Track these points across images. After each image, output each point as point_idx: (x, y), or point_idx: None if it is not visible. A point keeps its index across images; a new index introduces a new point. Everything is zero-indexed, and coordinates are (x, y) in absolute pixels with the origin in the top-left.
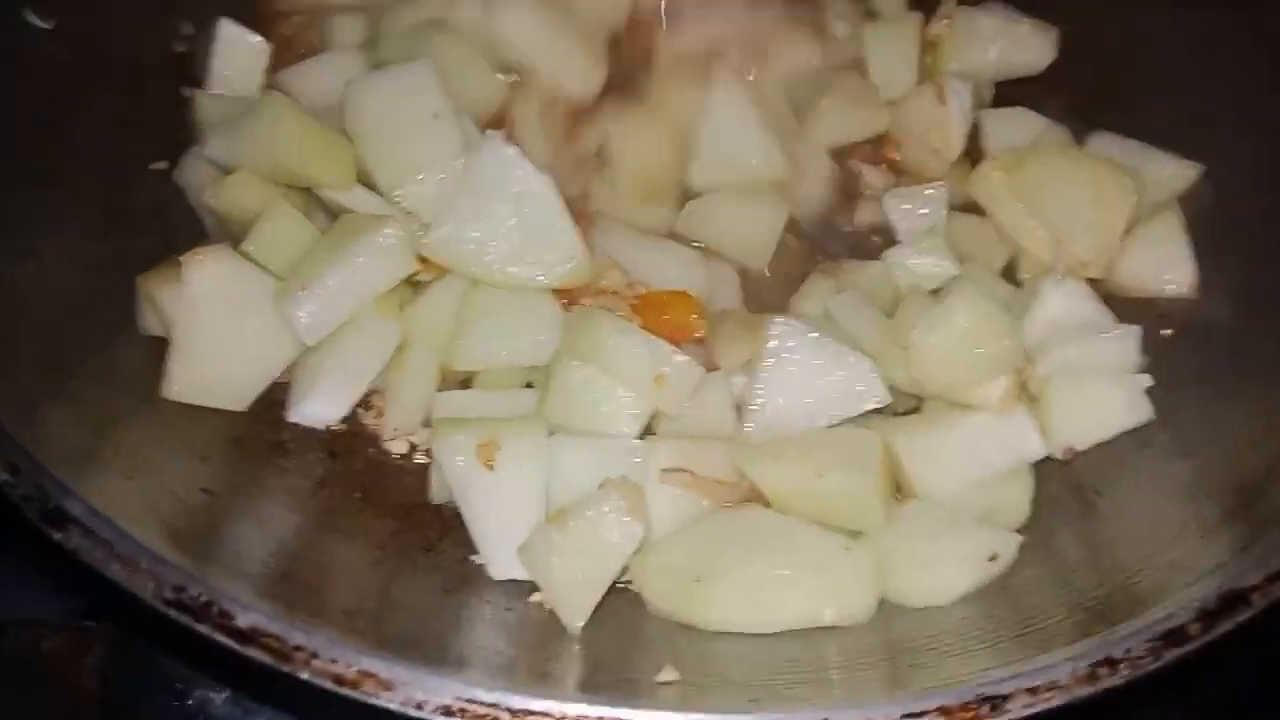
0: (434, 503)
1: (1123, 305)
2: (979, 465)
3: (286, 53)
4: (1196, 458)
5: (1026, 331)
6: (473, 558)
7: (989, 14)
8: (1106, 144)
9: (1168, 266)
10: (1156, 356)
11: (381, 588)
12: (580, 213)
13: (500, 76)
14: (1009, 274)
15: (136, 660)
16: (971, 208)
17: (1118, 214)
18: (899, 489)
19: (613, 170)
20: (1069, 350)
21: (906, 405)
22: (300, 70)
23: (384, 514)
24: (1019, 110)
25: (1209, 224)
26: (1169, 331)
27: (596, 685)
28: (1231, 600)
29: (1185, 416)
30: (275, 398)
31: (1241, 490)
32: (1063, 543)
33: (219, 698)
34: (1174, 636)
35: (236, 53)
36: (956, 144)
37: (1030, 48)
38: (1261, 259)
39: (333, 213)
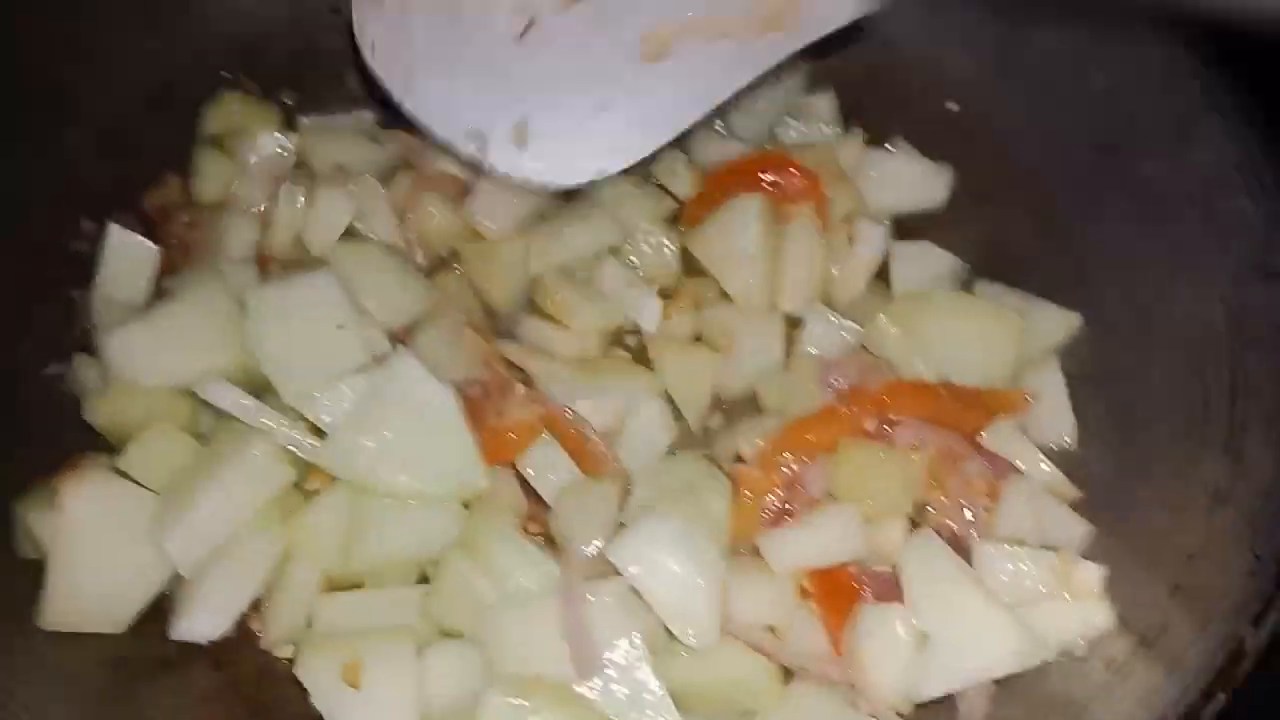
0: None
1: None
2: None
3: (180, 255)
4: None
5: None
6: None
7: (887, 156)
8: (993, 291)
9: (1050, 421)
10: None
11: None
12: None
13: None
14: None
15: None
16: None
17: (1003, 361)
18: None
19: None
20: None
21: None
22: (189, 278)
23: None
24: (925, 245)
25: (1088, 377)
26: None
27: None
28: None
29: None
30: (159, 606)
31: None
32: None
33: None
34: None
35: (125, 258)
36: (860, 284)
37: (926, 187)
38: (1137, 414)
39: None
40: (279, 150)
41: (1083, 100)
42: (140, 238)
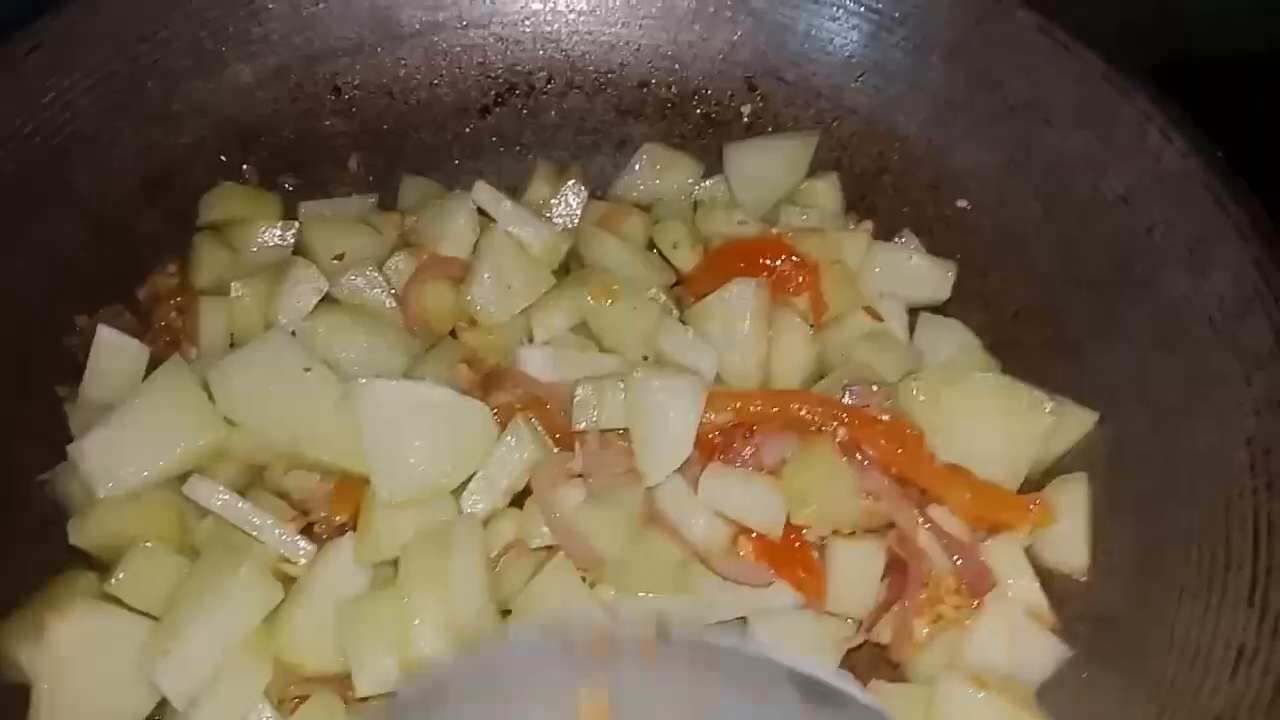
0: None
1: None
2: None
3: (169, 347)
4: None
5: None
6: None
7: (892, 248)
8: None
9: (1065, 543)
10: None
11: None
12: None
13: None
14: None
15: None
16: None
17: (1026, 455)
18: None
19: None
20: None
21: None
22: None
23: None
24: (951, 322)
25: (1103, 498)
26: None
27: None
28: None
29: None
30: None
31: None
32: None
33: None
34: None
35: (113, 358)
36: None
37: (929, 283)
38: (1156, 548)
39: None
40: (278, 240)
41: (1099, 207)
42: (131, 339)
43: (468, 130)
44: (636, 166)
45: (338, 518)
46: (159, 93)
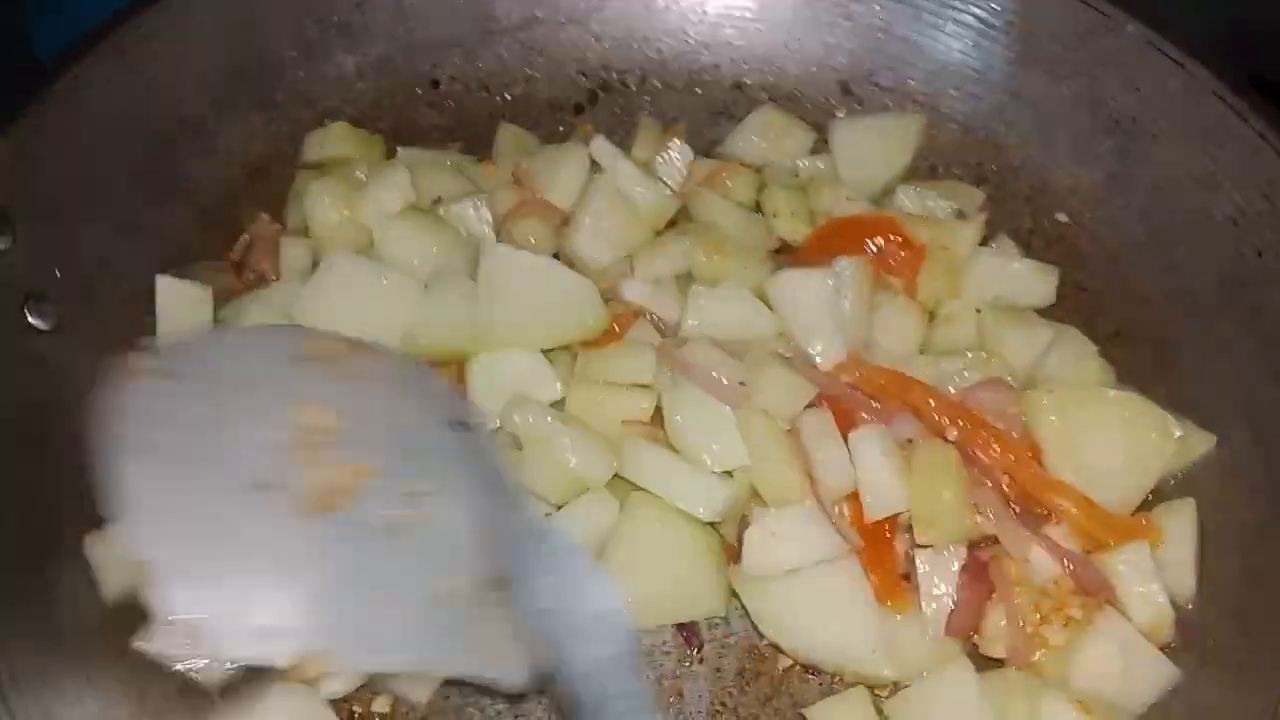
0: None
1: None
2: None
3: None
4: None
5: None
6: None
7: (987, 257)
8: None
9: (1171, 569)
10: None
11: None
12: None
13: None
14: None
15: None
16: None
17: (1146, 476)
18: None
19: None
20: None
21: None
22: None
23: None
24: (1066, 328)
25: (1210, 524)
26: None
27: None
28: None
29: None
30: None
31: None
32: None
33: None
34: None
35: (177, 303)
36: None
37: (1033, 286)
38: (1259, 566)
39: None
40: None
41: (1206, 226)
42: (189, 282)
43: (560, 128)
44: (749, 128)
45: None
46: (263, 81)
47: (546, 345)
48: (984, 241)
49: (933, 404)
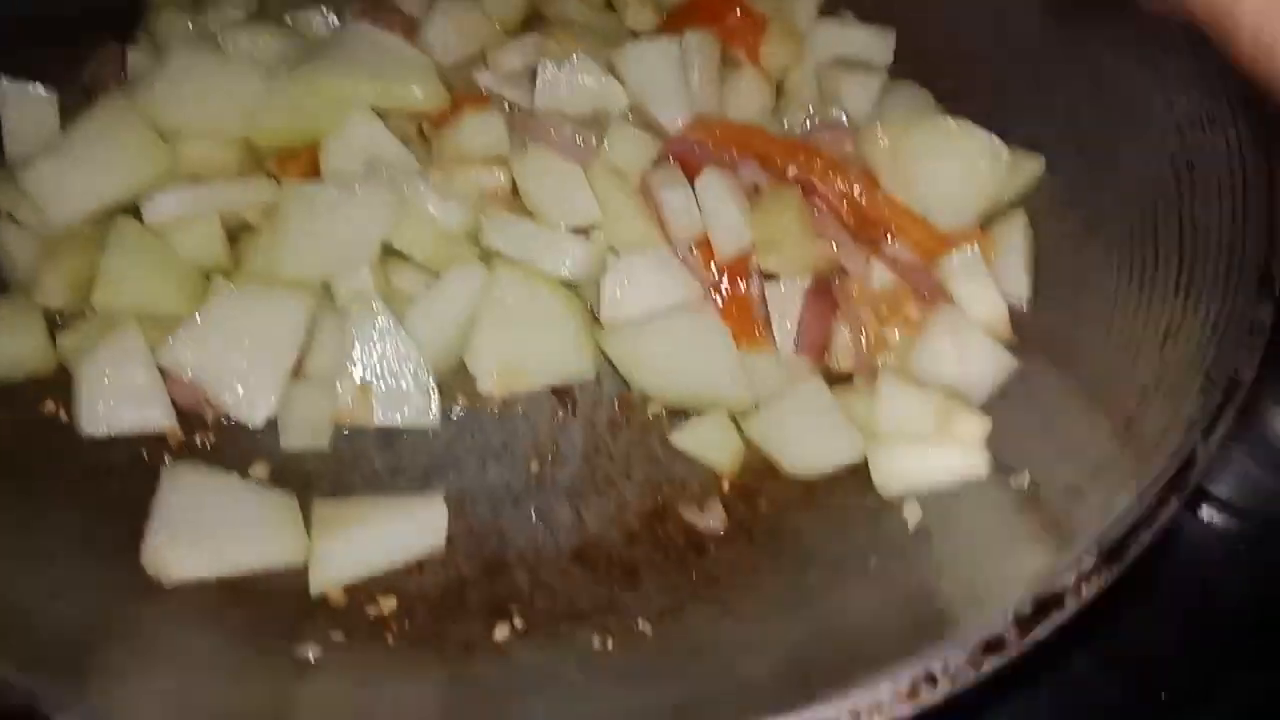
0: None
1: None
2: None
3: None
4: (1030, 468)
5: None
6: None
7: (826, 25)
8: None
9: (1006, 276)
10: None
11: None
12: None
13: None
14: None
15: None
16: None
17: (979, 198)
18: None
19: None
20: None
21: None
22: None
23: None
24: (904, 83)
25: (1041, 237)
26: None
27: None
28: (1045, 604)
29: (1008, 433)
30: None
31: (1069, 492)
32: (908, 565)
33: None
34: (992, 646)
35: (23, 109)
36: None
37: (870, 48)
38: (1091, 272)
39: None
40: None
41: None
42: (34, 85)
43: None
44: None
45: None
46: None
47: (383, 104)
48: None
49: (774, 147)
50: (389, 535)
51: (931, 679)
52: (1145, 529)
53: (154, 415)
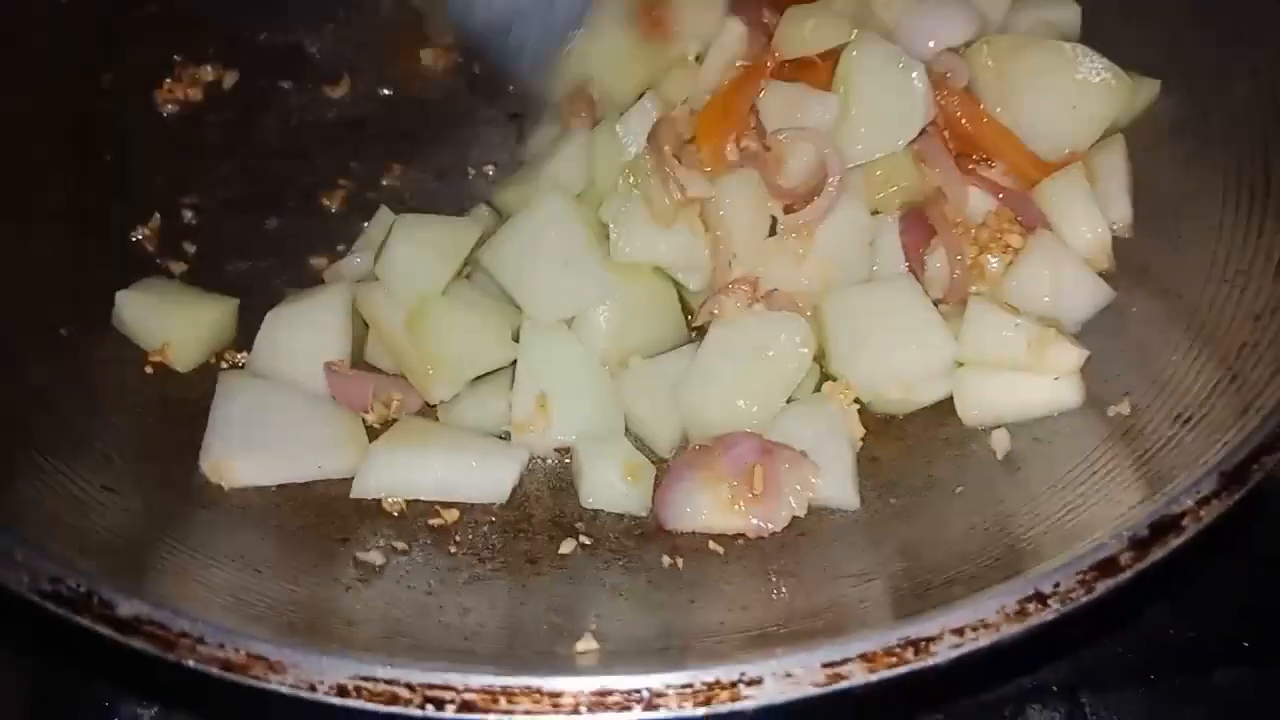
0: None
1: None
2: None
3: None
4: (1130, 397)
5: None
6: None
7: None
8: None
9: (1107, 202)
10: None
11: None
12: None
13: None
14: None
15: (58, 687)
16: None
17: (1096, 117)
18: None
19: None
20: None
21: None
22: None
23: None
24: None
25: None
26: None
27: (510, 659)
28: (1162, 527)
29: (1113, 360)
30: None
31: (1175, 420)
32: (999, 492)
33: (147, 713)
34: (1105, 567)
35: None
36: None
37: None
38: (1193, 189)
39: None
40: None
41: None
42: None
43: None
44: None
45: None
46: None
47: None
48: None
49: None
50: (449, 468)
51: (1041, 598)
52: (1268, 454)
53: None
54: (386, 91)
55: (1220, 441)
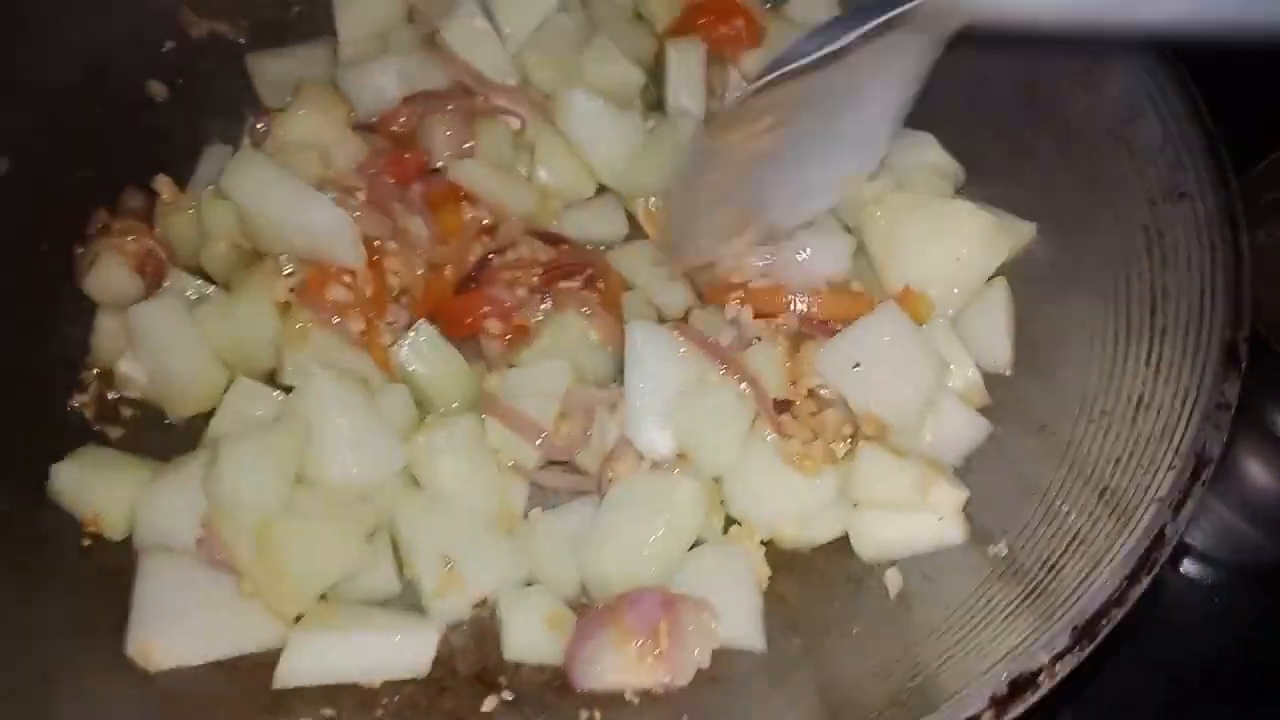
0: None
1: None
2: None
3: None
4: (1007, 537)
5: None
6: None
7: None
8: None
9: (988, 342)
10: None
11: None
12: None
13: None
14: None
15: None
16: None
17: (980, 270)
18: None
19: None
20: None
21: None
22: None
23: None
24: (925, 136)
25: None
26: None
27: None
28: (1020, 684)
29: (994, 495)
30: None
31: (1043, 566)
32: (892, 633)
33: None
34: None
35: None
36: None
37: None
38: (1063, 329)
39: None
40: None
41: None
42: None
43: None
44: None
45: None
46: None
47: None
48: None
49: None
50: (371, 650)
51: None
52: (1118, 608)
53: None
54: None
55: (1081, 590)
